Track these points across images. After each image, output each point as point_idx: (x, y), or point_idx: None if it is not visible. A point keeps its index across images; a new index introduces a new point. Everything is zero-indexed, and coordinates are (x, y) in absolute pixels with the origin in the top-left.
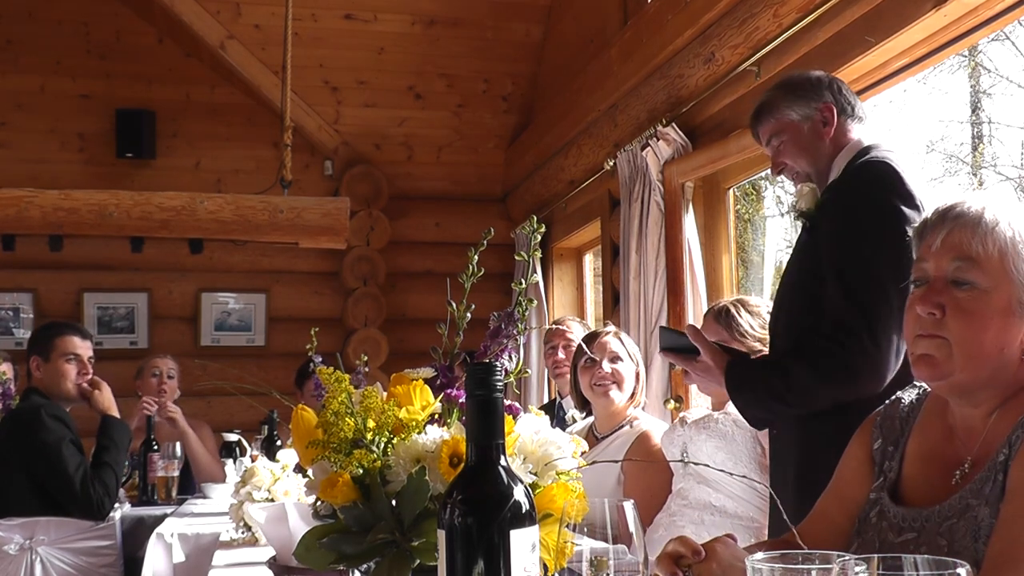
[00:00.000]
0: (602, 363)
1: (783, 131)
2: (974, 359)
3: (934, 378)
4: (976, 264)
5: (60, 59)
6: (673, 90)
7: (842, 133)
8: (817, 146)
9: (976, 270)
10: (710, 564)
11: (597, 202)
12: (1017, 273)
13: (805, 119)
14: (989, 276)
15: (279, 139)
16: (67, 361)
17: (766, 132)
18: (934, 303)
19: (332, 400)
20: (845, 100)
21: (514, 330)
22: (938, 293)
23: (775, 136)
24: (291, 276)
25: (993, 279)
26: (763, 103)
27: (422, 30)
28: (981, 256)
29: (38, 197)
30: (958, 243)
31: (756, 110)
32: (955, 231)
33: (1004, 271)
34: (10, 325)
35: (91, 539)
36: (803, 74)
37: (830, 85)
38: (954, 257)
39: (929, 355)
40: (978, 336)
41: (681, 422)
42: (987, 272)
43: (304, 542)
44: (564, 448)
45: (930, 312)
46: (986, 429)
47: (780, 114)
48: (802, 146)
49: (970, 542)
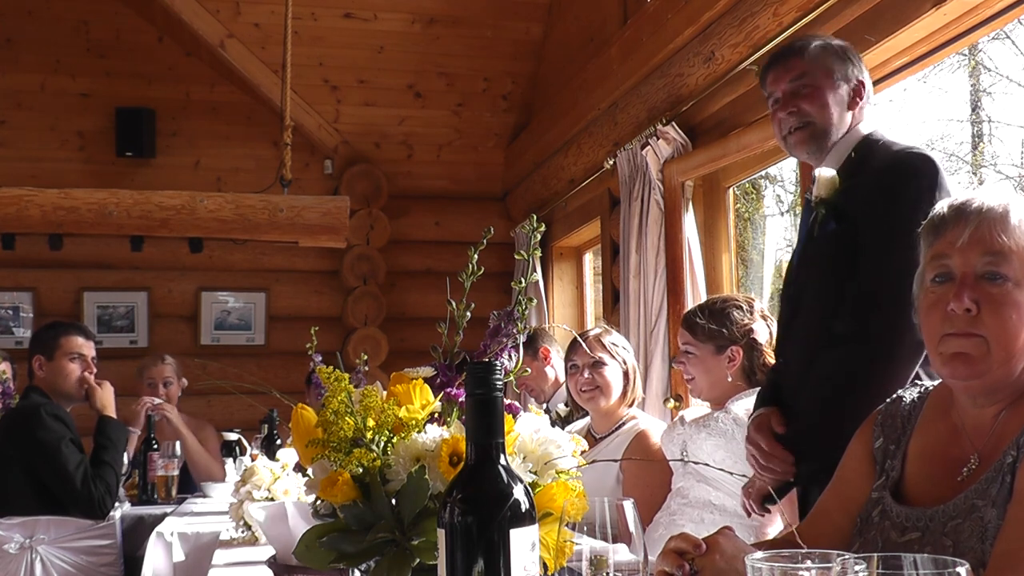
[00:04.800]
0: (583, 371)
1: (816, 77)
2: (1011, 355)
3: (971, 376)
4: (1006, 258)
5: (60, 58)
6: (673, 89)
7: (858, 118)
8: (839, 110)
9: (1007, 264)
10: (713, 556)
11: (597, 201)
12: None
13: (844, 80)
14: (1019, 270)
15: (279, 138)
16: (71, 360)
17: (794, 70)
18: (968, 300)
19: (332, 399)
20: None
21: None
22: (971, 289)
23: (803, 77)
24: (291, 275)
25: (1022, 273)
26: (800, 45)
27: (422, 29)
28: (1011, 250)
29: (38, 196)
30: (987, 237)
31: (787, 47)
32: (983, 225)
33: None
34: (10, 324)
35: (91, 538)
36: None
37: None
38: (983, 252)
39: (965, 353)
40: (1016, 330)
41: (680, 421)
42: (1016, 266)
43: (304, 541)
44: (564, 447)
45: (966, 309)
46: (994, 427)
47: (820, 61)
48: (828, 100)
49: (976, 543)
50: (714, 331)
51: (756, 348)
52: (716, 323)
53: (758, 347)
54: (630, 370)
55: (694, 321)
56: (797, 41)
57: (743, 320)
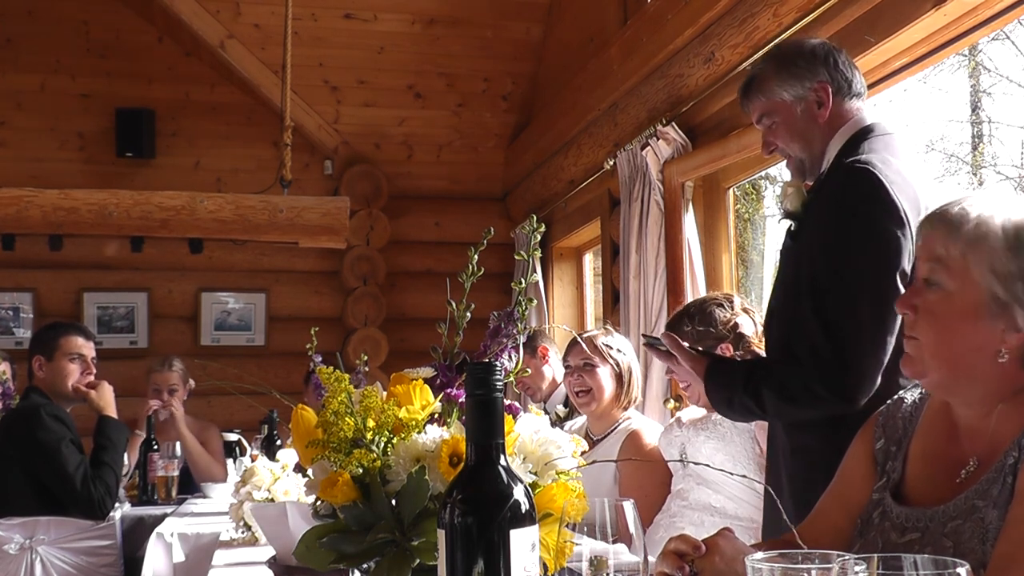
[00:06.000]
0: (575, 372)
1: (774, 112)
2: (943, 360)
3: (913, 376)
4: (943, 265)
5: (60, 58)
6: (673, 89)
7: (838, 114)
8: (810, 130)
9: (943, 271)
10: (712, 558)
11: (597, 201)
12: (986, 274)
13: (798, 100)
14: (955, 278)
15: (279, 138)
16: (70, 360)
17: (756, 110)
18: (907, 304)
19: (332, 400)
20: (842, 76)
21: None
22: (913, 294)
23: (765, 116)
24: (291, 276)
25: (959, 281)
26: (752, 78)
27: (422, 29)
28: (946, 257)
29: (38, 196)
30: (931, 244)
31: (745, 84)
32: (932, 232)
33: (967, 272)
34: (10, 325)
35: (91, 539)
36: (797, 45)
37: (827, 59)
38: (927, 258)
39: (907, 354)
40: (942, 338)
41: (678, 422)
42: (953, 274)
43: (304, 541)
44: (564, 448)
45: (904, 312)
46: (990, 429)
47: (771, 94)
48: (795, 130)
49: (977, 544)
50: (700, 332)
51: (744, 340)
52: (701, 325)
53: (746, 339)
54: (624, 372)
55: (679, 327)
56: (754, 68)
57: (726, 316)
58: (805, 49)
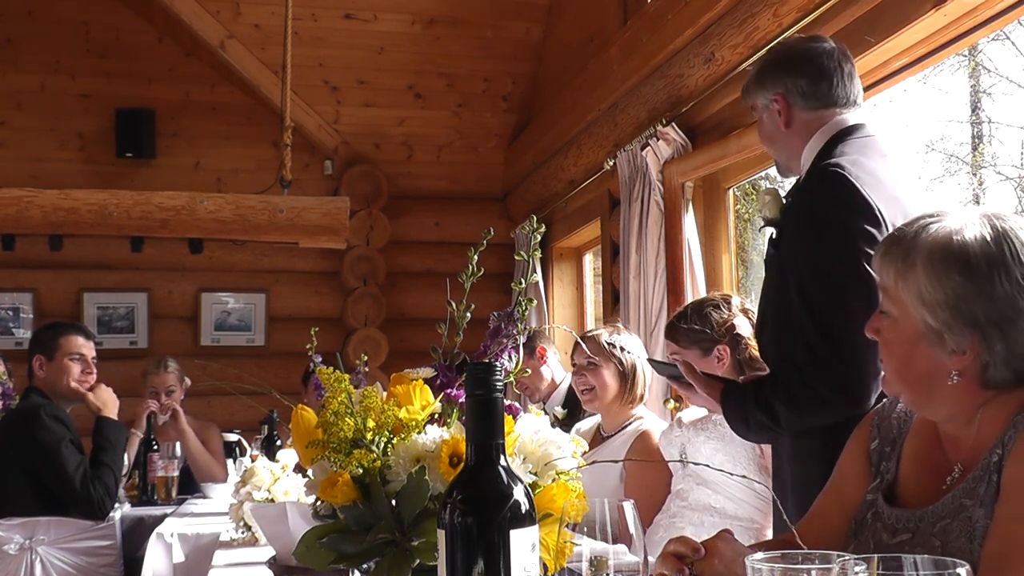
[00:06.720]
0: (579, 371)
1: (755, 112)
2: (906, 383)
3: (890, 395)
4: (887, 294)
5: (60, 58)
6: (673, 90)
7: (809, 120)
8: (778, 135)
9: (887, 300)
10: (712, 560)
11: (597, 202)
12: (917, 305)
13: (765, 108)
14: (896, 306)
15: (279, 138)
16: (71, 360)
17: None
18: (871, 329)
19: (332, 400)
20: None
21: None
22: (875, 319)
23: (753, 113)
24: (291, 276)
25: (900, 309)
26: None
27: (422, 29)
28: (889, 287)
29: (38, 197)
30: (880, 271)
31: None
32: (880, 259)
33: (903, 302)
34: (10, 325)
35: (91, 539)
36: (775, 52)
37: (789, 69)
38: (879, 285)
39: (883, 374)
40: (899, 363)
41: (678, 423)
42: (895, 303)
43: (304, 542)
44: (564, 448)
45: (871, 337)
46: (972, 437)
47: (750, 97)
48: (765, 133)
49: (965, 543)
50: (696, 332)
51: (741, 342)
52: (697, 326)
53: (743, 340)
54: (628, 370)
55: (676, 329)
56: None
57: (723, 317)
58: (776, 58)
